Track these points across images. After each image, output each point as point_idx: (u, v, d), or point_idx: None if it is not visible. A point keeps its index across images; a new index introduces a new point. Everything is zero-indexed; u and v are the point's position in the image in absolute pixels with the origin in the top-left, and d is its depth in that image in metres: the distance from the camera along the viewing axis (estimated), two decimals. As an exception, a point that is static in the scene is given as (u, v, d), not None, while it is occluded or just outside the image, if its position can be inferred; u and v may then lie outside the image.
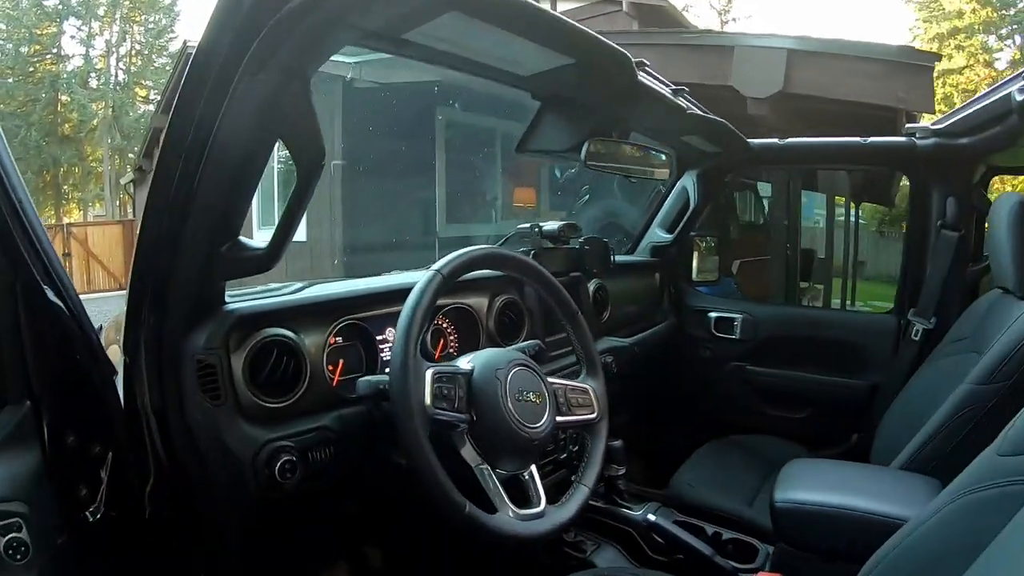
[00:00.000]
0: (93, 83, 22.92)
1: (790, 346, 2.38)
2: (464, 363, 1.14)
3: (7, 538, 0.80)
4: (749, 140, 2.24)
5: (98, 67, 23.11)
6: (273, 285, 1.28)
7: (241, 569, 1.19)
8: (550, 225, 1.76)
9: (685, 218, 2.49)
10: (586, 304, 1.87)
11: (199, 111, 0.88)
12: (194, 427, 1.04)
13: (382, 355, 1.30)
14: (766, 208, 6.42)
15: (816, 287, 6.32)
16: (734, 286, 4.49)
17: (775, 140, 2.36)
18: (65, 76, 22.28)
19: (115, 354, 1.08)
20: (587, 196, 5.31)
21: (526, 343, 1.35)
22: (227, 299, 1.11)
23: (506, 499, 1.08)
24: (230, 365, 1.06)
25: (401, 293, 1.32)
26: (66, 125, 22.50)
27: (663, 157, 1.82)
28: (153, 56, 23.98)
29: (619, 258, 2.20)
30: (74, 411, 0.95)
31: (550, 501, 1.16)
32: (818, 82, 4.83)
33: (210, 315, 1.07)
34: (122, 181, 19.12)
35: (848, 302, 6.06)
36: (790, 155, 2.51)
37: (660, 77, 1.60)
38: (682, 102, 1.69)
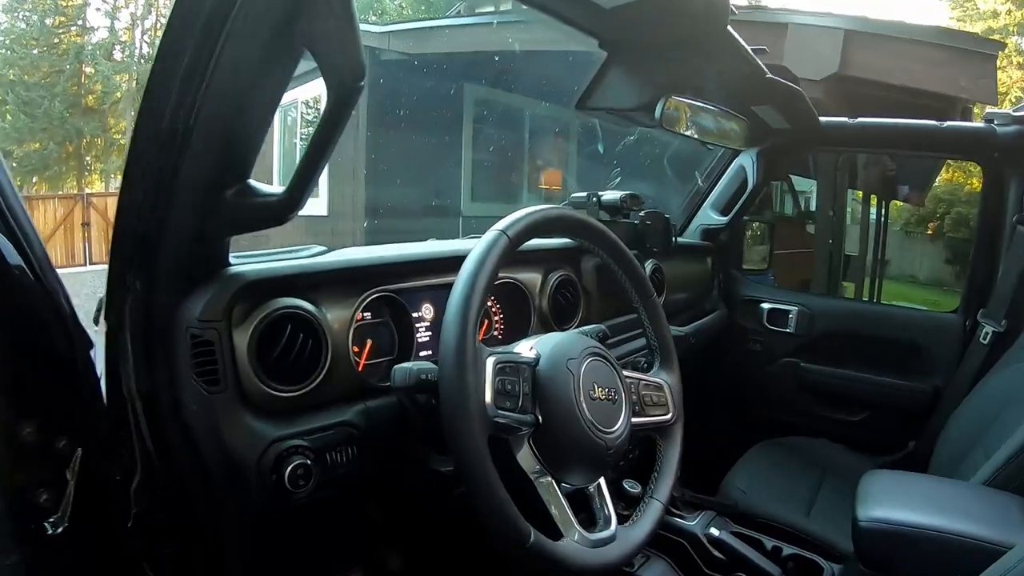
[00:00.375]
0: (118, 55, 23.02)
1: (847, 343, 2.20)
2: (526, 350, 0.93)
3: None
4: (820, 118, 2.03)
5: (123, 39, 23.20)
6: (288, 247, 1.05)
7: None
8: (610, 195, 1.55)
9: (741, 200, 2.27)
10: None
11: (206, 4, 0.67)
12: (188, 418, 0.83)
13: (418, 336, 1.09)
14: (800, 201, 6.20)
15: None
16: (771, 278, 4.26)
17: (846, 119, 2.14)
18: (90, 48, 22.38)
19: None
20: (618, 179, 5.12)
21: (590, 327, 1.12)
22: (231, 259, 0.89)
23: (574, 521, 0.87)
24: (232, 342, 0.84)
25: (441, 262, 1.11)
26: (90, 97, 22.60)
27: (737, 127, 1.60)
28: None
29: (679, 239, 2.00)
30: (35, 395, 0.75)
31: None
32: (876, 66, 4.52)
33: (209, 278, 0.85)
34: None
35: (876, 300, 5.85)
36: (861, 137, 2.28)
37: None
38: (761, 63, 1.47)
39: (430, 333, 1.09)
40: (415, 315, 1.09)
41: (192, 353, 0.82)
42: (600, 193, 1.54)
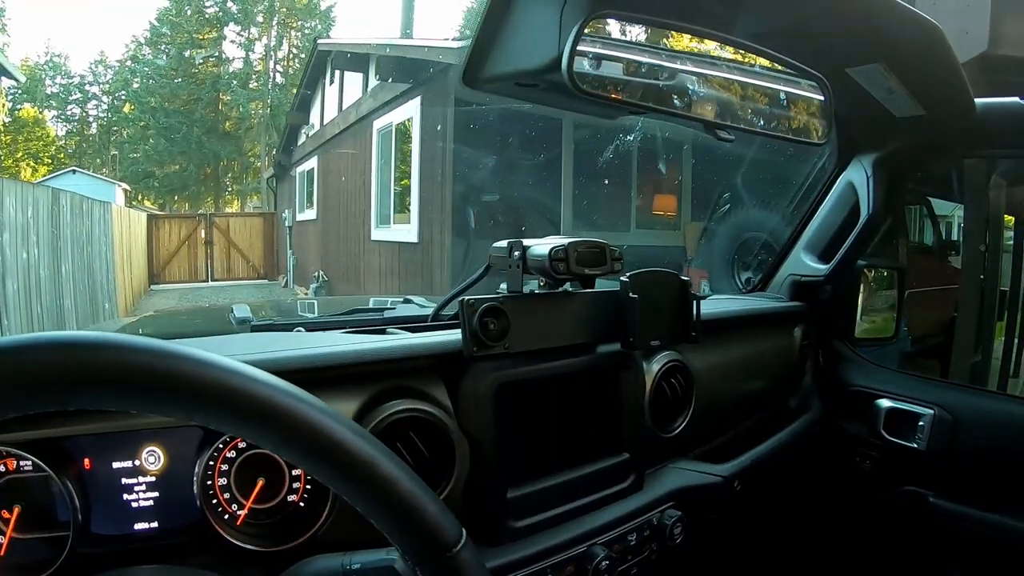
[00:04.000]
0: (252, 84, 24.54)
1: (1010, 470, 1.31)
2: None
3: None
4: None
5: (257, 69, 24.78)
6: None
7: None
8: (538, 249, 0.84)
9: (852, 237, 1.47)
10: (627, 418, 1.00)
11: None
12: None
13: None
14: (942, 229, 4.98)
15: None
16: (897, 354, 3.14)
17: (1019, 99, 1.28)
18: (226, 77, 24.14)
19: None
20: (727, 205, 4.38)
21: None
22: None
23: None
24: None
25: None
26: (227, 123, 24.35)
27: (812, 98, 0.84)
28: (310, 60, 25.53)
29: (715, 306, 1.29)
30: None
31: None
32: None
33: None
34: (264, 176, 20.13)
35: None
36: None
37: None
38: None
39: None
40: None
41: None
42: (526, 243, 0.84)
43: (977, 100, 1.22)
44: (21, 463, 0.68)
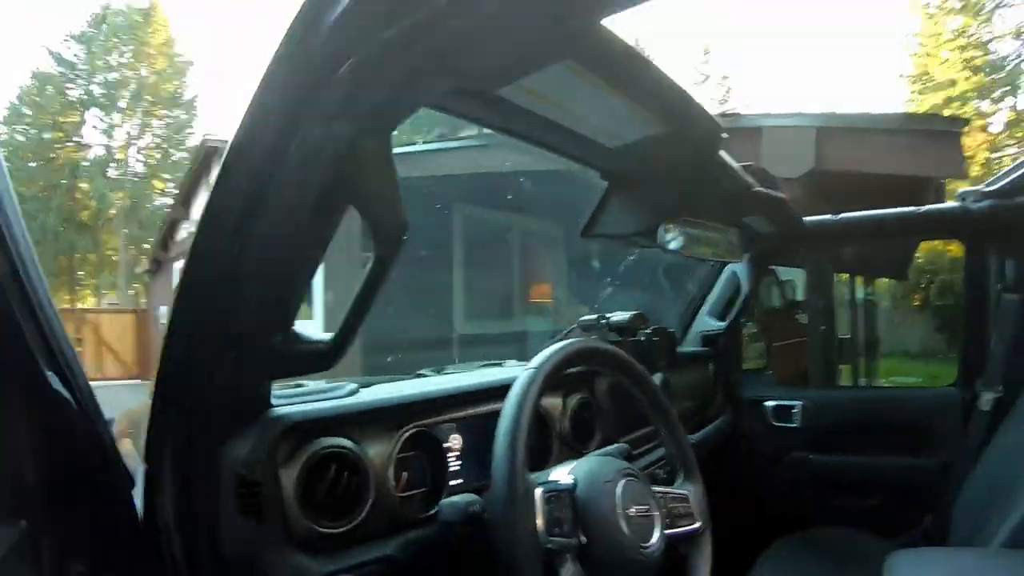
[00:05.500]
0: (112, 173, 23.57)
1: (852, 431, 2.26)
2: (563, 476, 0.97)
3: None
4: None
5: (118, 158, 23.83)
6: (316, 384, 1.09)
7: None
8: (619, 316, 1.63)
9: (738, 304, 2.37)
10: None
11: (254, 166, 0.71)
12: (229, 556, 0.83)
13: (449, 466, 1.12)
14: (786, 291, 6.32)
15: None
16: (770, 374, 4.28)
17: (829, 216, 2.28)
18: (85, 164, 22.97)
19: (127, 450, 0.88)
20: (609, 289, 5.19)
21: (615, 448, 1.17)
22: (273, 400, 0.92)
23: None
24: (278, 481, 0.87)
25: (467, 396, 1.17)
26: (84, 212, 22.98)
27: (732, 239, 1.70)
28: (171, 150, 24.82)
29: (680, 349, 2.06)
30: (80, 531, 0.75)
31: None
32: (849, 157, 4.82)
33: (253, 420, 0.87)
34: (137, 270, 19.36)
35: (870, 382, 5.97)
36: (844, 231, 2.40)
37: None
38: (750, 179, 1.58)
39: (460, 462, 1.13)
40: (445, 446, 1.12)
41: (238, 492, 0.84)
42: (608, 315, 1.62)
43: (805, 219, 2.16)
44: (403, 449, 1.05)
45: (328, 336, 0.84)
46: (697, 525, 1.10)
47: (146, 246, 19.81)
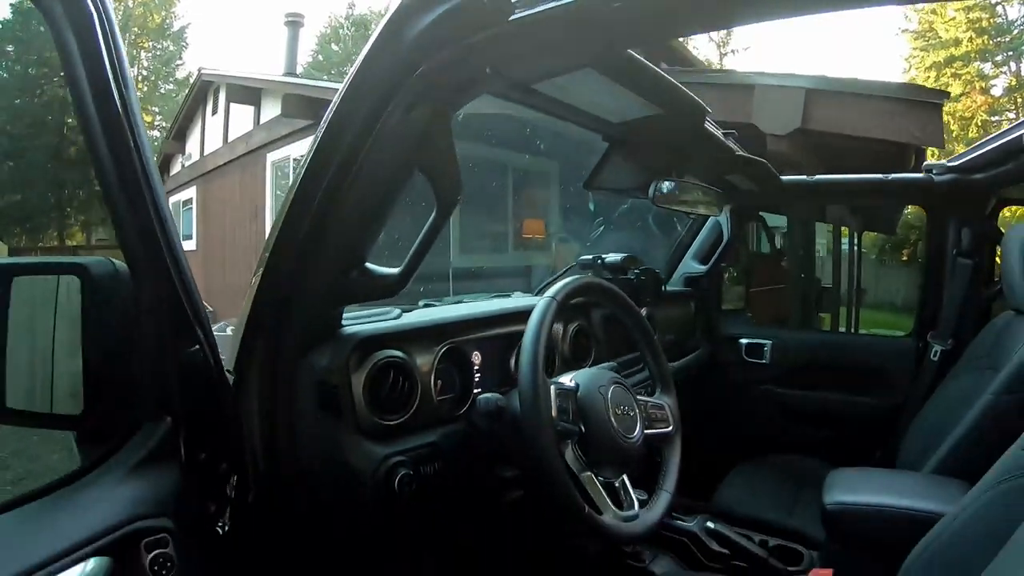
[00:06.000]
0: (101, 107, 23.07)
1: (816, 369, 2.52)
2: (567, 380, 1.24)
3: (154, 554, 0.80)
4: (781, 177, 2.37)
5: (105, 91, 23.26)
6: (370, 311, 1.34)
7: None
8: (612, 257, 1.88)
9: (719, 251, 2.63)
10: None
11: (347, 141, 0.94)
12: (308, 446, 1.08)
13: (476, 376, 1.39)
14: (775, 238, 6.56)
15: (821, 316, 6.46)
16: (748, 316, 4.57)
17: (804, 177, 2.51)
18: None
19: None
20: (600, 228, 5.40)
21: (606, 364, 1.45)
22: (343, 322, 1.17)
23: (609, 502, 1.17)
24: (350, 384, 1.12)
25: (490, 319, 1.44)
26: (72, 148, 22.62)
27: (714, 196, 1.94)
28: (159, 82, 24.31)
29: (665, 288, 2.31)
30: (204, 429, 0.96)
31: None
32: (834, 119, 5.02)
33: (329, 337, 1.12)
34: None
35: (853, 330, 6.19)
36: (817, 191, 2.66)
37: (713, 121, 1.73)
38: (731, 144, 1.82)
39: (480, 374, 1.40)
40: (470, 360, 1.39)
41: (319, 393, 1.09)
42: (604, 256, 1.88)
43: (783, 177, 2.38)
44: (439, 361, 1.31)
45: (395, 271, 1.09)
46: (670, 428, 1.38)
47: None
